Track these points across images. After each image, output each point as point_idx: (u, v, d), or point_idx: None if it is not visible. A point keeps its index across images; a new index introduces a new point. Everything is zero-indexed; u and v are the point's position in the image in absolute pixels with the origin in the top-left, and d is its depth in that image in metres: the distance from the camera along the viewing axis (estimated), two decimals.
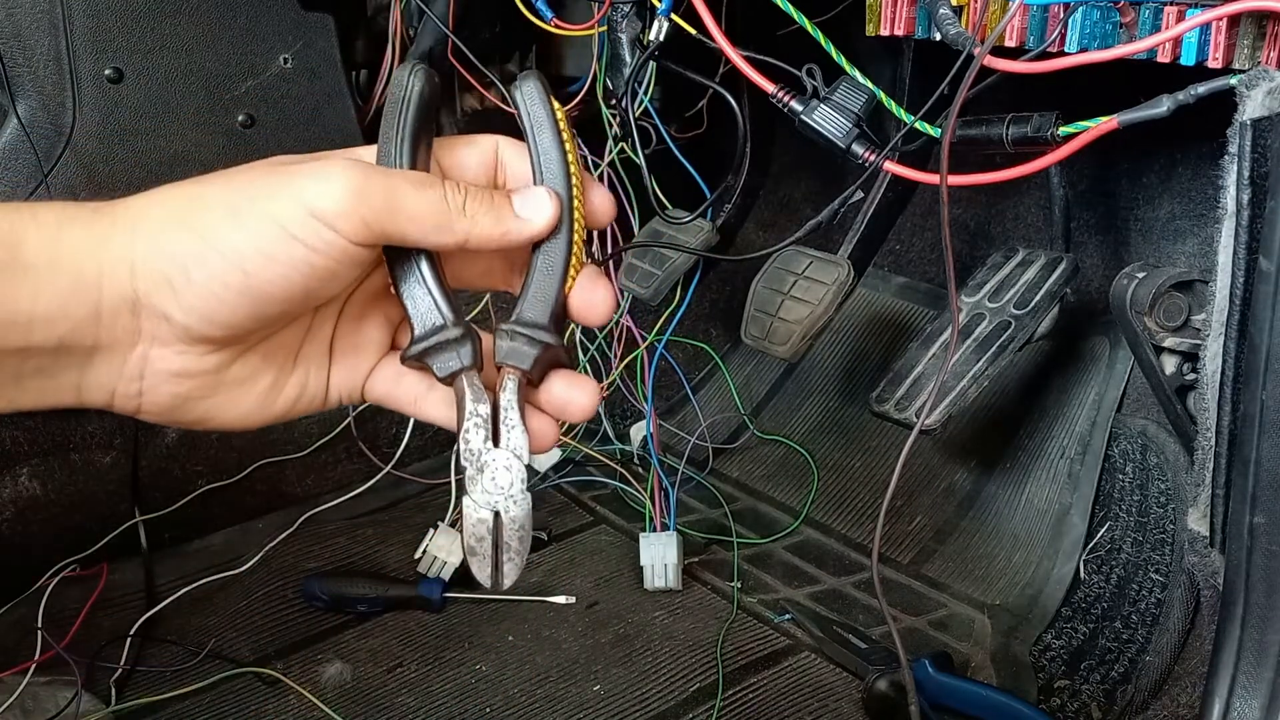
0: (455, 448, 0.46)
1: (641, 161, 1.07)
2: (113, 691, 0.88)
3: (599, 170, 1.20)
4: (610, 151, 1.17)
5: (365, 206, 0.41)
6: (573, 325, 1.25)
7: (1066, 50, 0.70)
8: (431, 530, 1.05)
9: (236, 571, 1.02)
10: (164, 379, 0.43)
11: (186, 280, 0.41)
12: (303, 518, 1.09)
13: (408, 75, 0.46)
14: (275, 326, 0.45)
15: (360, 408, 1.16)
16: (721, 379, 1.38)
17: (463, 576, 1.03)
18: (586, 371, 1.27)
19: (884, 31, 0.82)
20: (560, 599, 1.01)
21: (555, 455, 1.21)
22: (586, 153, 1.22)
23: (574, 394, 0.47)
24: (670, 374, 1.35)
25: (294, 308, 0.43)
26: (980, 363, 0.95)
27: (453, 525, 1.06)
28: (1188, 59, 0.66)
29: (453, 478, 1.09)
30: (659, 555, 1.03)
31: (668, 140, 1.14)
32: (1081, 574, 0.97)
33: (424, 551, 1.05)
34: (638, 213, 1.22)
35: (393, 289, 0.45)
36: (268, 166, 0.44)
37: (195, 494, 1.08)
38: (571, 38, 1.01)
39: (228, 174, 0.44)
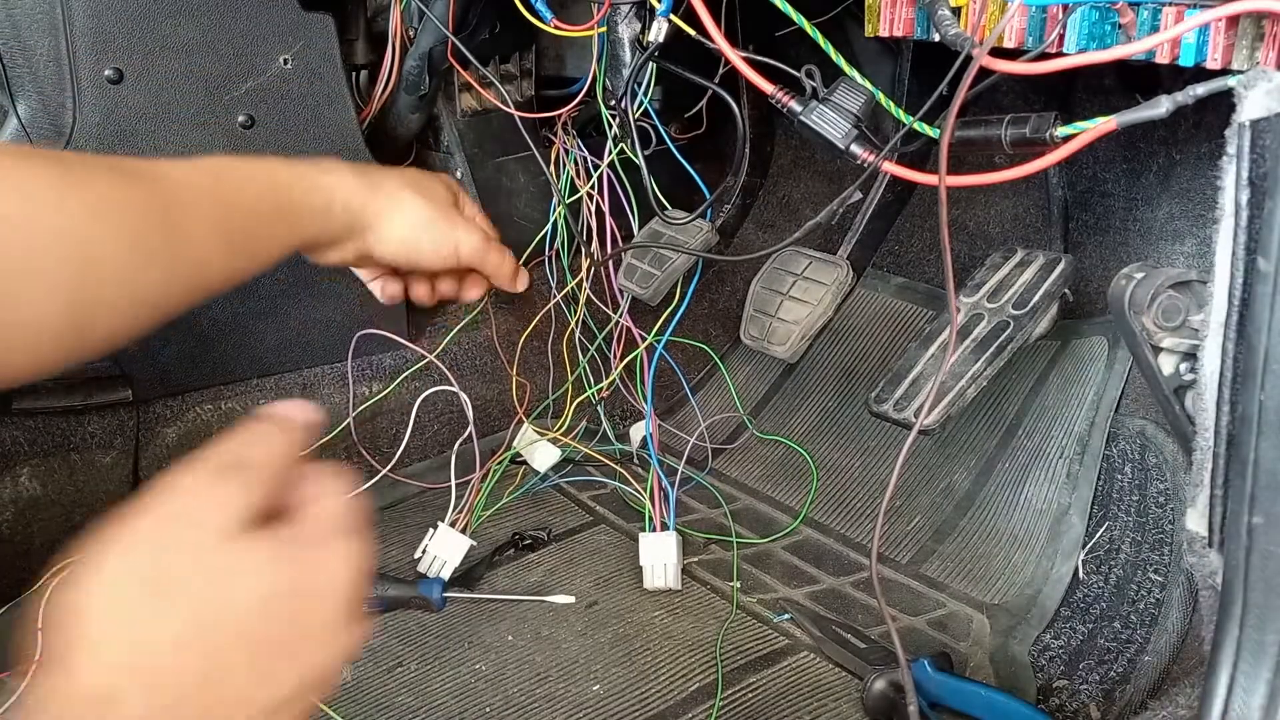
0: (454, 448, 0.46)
1: (641, 162, 1.07)
2: None
3: (599, 171, 1.20)
4: (610, 152, 1.17)
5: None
6: (573, 326, 1.26)
7: (1065, 51, 0.70)
8: (431, 530, 1.05)
9: None
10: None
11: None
12: None
13: None
14: None
15: (360, 408, 1.16)
16: (721, 379, 1.38)
17: (463, 576, 1.04)
18: (585, 373, 1.27)
19: (883, 32, 0.82)
20: (560, 599, 1.01)
21: (555, 455, 1.21)
22: (586, 154, 1.22)
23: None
24: (670, 374, 1.35)
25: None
26: (979, 363, 0.95)
27: (452, 525, 1.06)
28: (1186, 60, 0.66)
29: (453, 479, 1.09)
30: (659, 555, 1.03)
31: (667, 140, 1.15)
32: (1080, 574, 0.97)
33: (424, 551, 1.05)
34: (638, 213, 1.22)
35: None
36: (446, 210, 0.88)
37: None
38: (571, 38, 1.01)
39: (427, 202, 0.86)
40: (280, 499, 0.45)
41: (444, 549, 1.04)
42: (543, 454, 1.21)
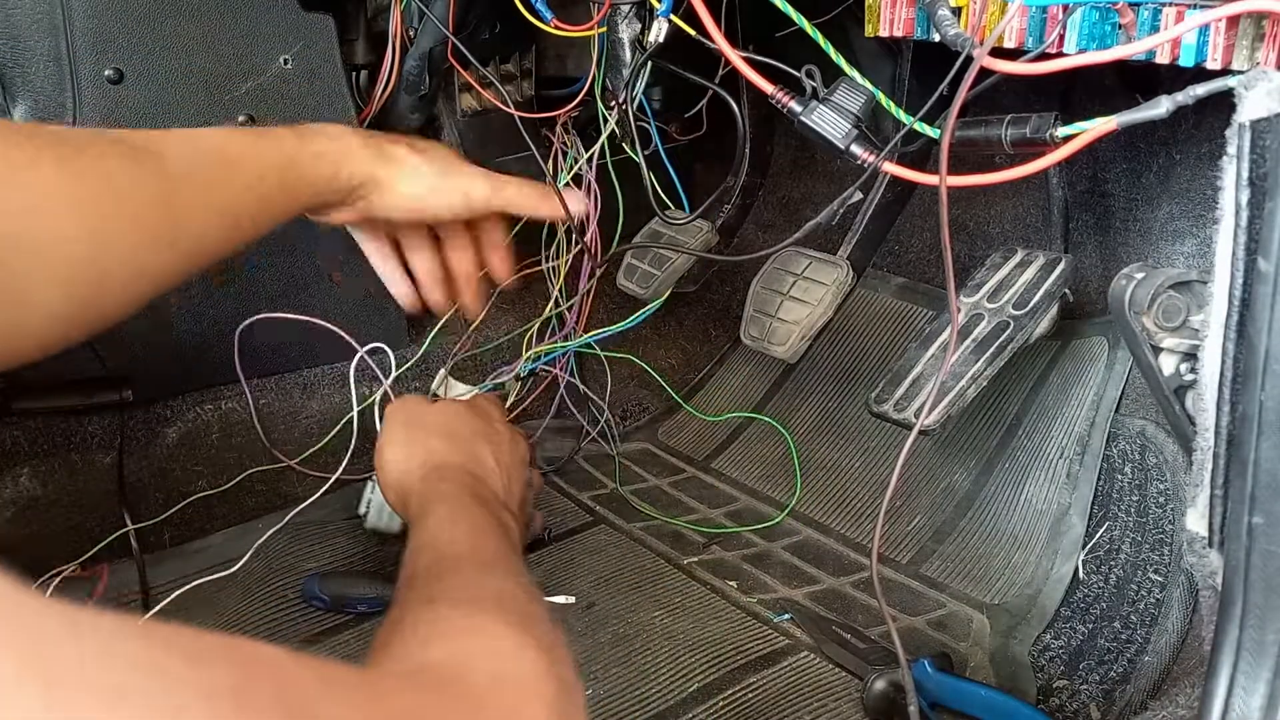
0: None
1: (641, 162, 1.07)
2: None
3: (575, 166, 1.19)
4: (602, 151, 1.17)
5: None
6: (549, 313, 1.25)
7: (1066, 51, 0.70)
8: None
9: (235, 571, 1.02)
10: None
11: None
12: (302, 517, 1.09)
13: None
14: None
15: (360, 407, 1.16)
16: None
17: None
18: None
19: (883, 32, 0.82)
20: (560, 599, 1.01)
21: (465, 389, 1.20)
22: (582, 152, 1.22)
23: None
24: (669, 374, 1.35)
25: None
26: (979, 363, 0.95)
27: None
28: (1187, 60, 0.66)
29: None
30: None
31: (657, 143, 1.15)
32: (1080, 574, 0.97)
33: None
34: (622, 215, 1.21)
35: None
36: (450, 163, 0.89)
37: (195, 494, 1.08)
38: (571, 38, 1.01)
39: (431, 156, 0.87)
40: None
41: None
42: (454, 391, 1.19)
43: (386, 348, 1.11)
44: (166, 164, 0.67)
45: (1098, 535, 0.98)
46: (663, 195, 1.12)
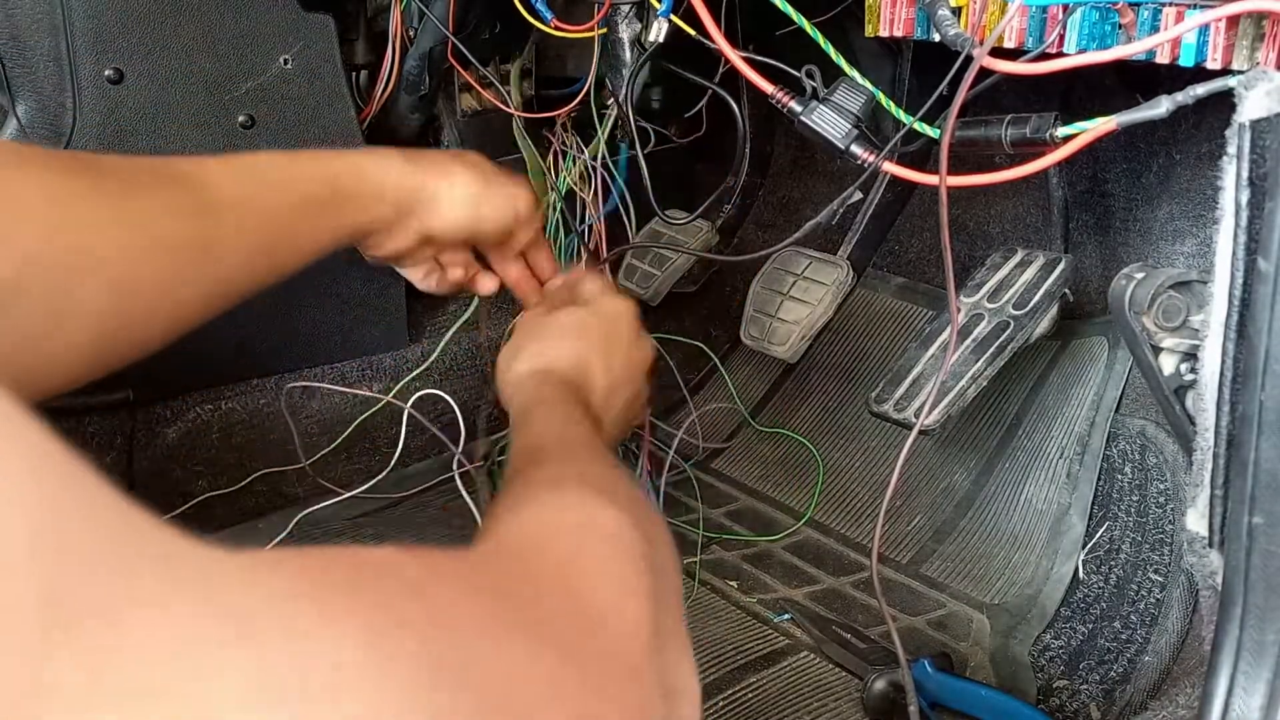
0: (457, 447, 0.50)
1: (641, 161, 1.07)
2: None
3: (573, 169, 1.19)
4: (600, 151, 1.17)
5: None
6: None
7: (1066, 51, 0.70)
8: None
9: None
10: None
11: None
12: (303, 517, 1.09)
13: None
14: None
15: (368, 413, 1.16)
16: (720, 379, 1.38)
17: None
18: None
19: (883, 32, 0.82)
20: None
21: None
22: (585, 152, 1.22)
23: None
24: (667, 374, 1.35)
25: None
26: (979, 363, 0.95)
27: None
28: (1187, 60, 0.66)
29: (458, 481, 1.09)
30: None
31: (636, 149, 1.15)
32: (1080, 574, 0.97)
33: None
34: (633, 214, 1.22)
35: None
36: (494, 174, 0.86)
37: (196, 495, 1.08)
38: (571, 38, 1.01)
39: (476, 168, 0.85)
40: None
41: None
42: None
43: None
44: (209, 191, 0.68)
45: (1098, 535, 0.98)
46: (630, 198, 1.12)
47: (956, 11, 0.73)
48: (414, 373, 1.20)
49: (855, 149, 0.81)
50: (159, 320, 0.66)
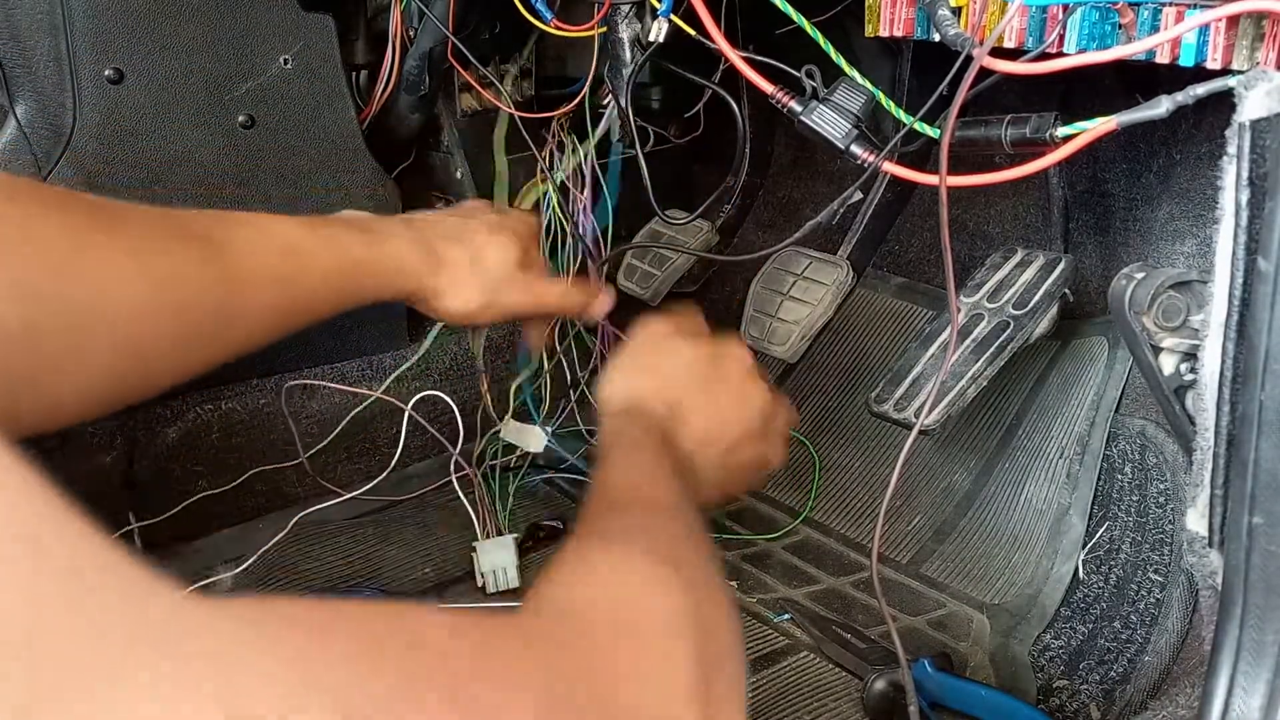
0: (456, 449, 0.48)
1: (641, 161, 1.07)
2: None
3: (564, 168, 1.19)
4: (590, 152, 1.17)
5: None
6: (553, 324, 1.25)
7: (1065, 51, 0.70)
8: (473, 553, 1.03)
9: (237, 572, 1.02)
10: None
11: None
12: (303, 517, 1.09)
13: None
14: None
15: (360, 407, 1.16)
16: None
17: (466, 574, 1.03)
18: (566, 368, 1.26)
19: (883, 32, 0.82)
20: None
21: (544, 437, 1.20)
22: (583, 156, 1.22)
23: None
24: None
25: None
26: (979, 363, 0.95)
27: (486, 537, 1.04)
28: (1187, 60, 0.66)
29: (455, 484, 1.09)
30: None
31: (611, 154, 1.15)
32: (1080, 574, 0.97)
33: (481, 575, 1.02)
34: (614, 214, 1.21)
35: None
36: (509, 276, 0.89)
37: (196, 495, 1.08)
38: (571, 38, 1.01)
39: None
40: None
41: (495, 560, 1.02)
42: (534, 438, 1.19)
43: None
44: (230, 260, 0.69)
45: (1098, 535, 0.98)
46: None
47: (956, 11, 0.73)
48: (414, 373, 1.20)
49: (855, 149, 0.81)
50: (167, 372, 0.67)
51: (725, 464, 0.82)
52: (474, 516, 1.05)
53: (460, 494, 1.07)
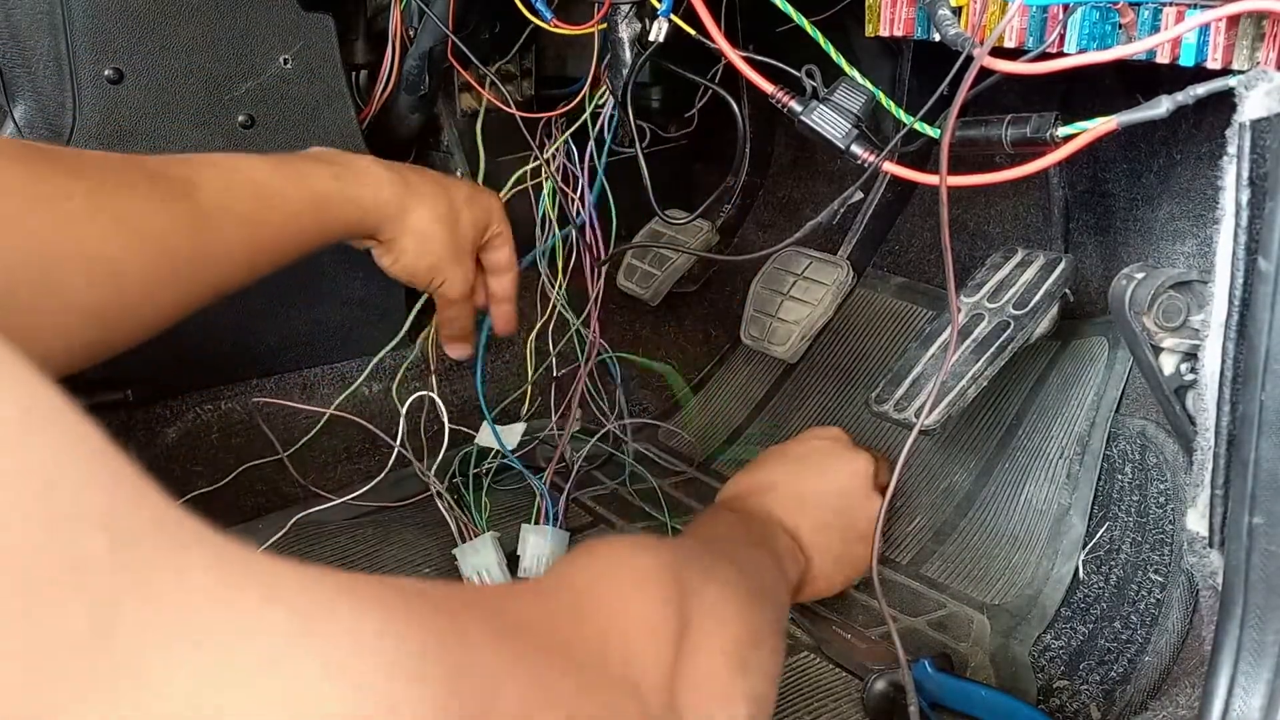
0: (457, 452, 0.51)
1: (641, 161, 1.07)
2: None
3: (559, 162, 1.19)
4: (589, 155, 1.17)
5: None
6: (539, 324, 1.25)
7: (1066, 51, 0.70)
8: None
9: None
10: None
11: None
12: (302, 517, 1.09)
13: None
14: None
15: (360, 408, 1.16)
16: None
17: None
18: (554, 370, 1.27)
19: (883, 32, 0.82)
20: None
21: (518, 431, 1.20)
22: (578, 156, 1.21)
23: None
24: (669, 376, 1.35)
25: None
26: (979, 363, 0.95)
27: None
28: (1187, 60, 0.66)
29: (458, 478, 1.09)
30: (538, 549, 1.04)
31: (596, 158, 1.15)
32: (1080, 574, 0.97)
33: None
34: (615, 216, 1.21)
35: None
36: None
37: (195, 495, 1.08)
38: (571, 38, 1.01)
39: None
40: None
41: (476, 562, 1.02)
42: (505, 434, 1.19)
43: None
44: (200, 199, 0.70)
45: (1098, 535, 0.98)
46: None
47: (956, 11, 0.73)
48: (414, 373, 1.20)
49: (855, 149, 0.80)
50: (147, 313, 0.68)
51: (841, 551, 0.89)
52: (450, 522, 1.05)
53: (437, 503, 1.07)
